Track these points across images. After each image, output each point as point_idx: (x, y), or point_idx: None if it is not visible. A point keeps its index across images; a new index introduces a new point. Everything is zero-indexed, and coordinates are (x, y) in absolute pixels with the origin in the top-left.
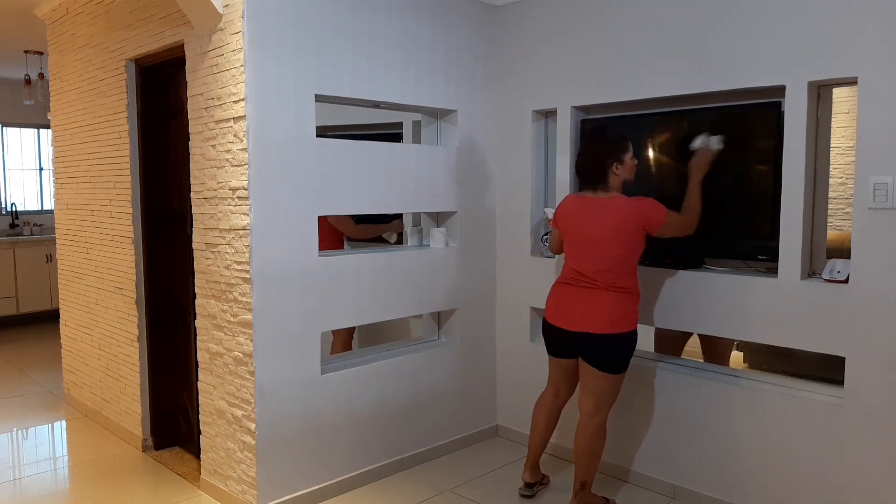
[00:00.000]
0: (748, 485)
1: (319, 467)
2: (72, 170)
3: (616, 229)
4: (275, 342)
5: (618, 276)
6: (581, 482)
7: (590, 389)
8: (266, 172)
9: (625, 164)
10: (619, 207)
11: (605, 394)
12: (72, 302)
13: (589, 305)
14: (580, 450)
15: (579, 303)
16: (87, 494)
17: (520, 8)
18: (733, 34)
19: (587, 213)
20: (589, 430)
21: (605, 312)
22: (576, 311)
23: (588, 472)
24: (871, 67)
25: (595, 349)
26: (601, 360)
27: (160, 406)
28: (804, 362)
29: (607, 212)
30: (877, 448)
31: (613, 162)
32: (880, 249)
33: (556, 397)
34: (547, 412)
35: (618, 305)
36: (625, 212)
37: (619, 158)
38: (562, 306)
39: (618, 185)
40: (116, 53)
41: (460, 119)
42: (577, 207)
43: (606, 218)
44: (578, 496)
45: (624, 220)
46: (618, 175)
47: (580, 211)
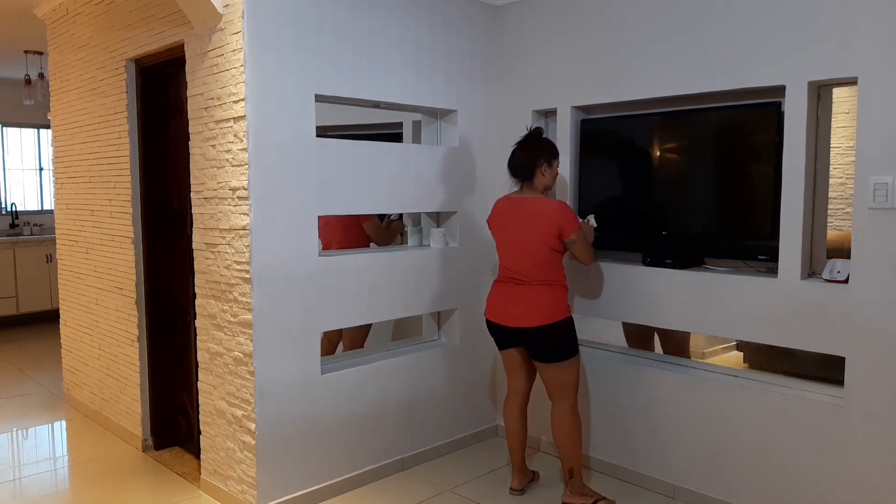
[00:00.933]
0: (748, 485)
1: (319, 467)
2: (72, 170)
3: (538, 228)
4: (275, 342)
5: (544, 270)
6: (569, 469)
7: (548, 382)
8: (266, 172)
9: (552, 168)
10: (541, 207)
11: (563, 382)
12: (72, 302)
13: (522, 301)
14: (559, 437)
15: (513, 299)
16: (87, 494)
17: (520, 8)
18: (733, 34)
19: (514, 212)
20: (561, 415)
21: (538, 306)
22: (511, 308)
23: (572, 457)
24: (871, 67)
25: (536, 342)
26: (546, 352)
27: (160, 406)
28: (804, 362)
29: (531, 210)
30: (876, 448)
31: (544, 163)
32: (880, 249)
33: (517, 395)
34: (514, 411)
35: (548, 298)
36: (546, 211)
37: (549, 162)
38: (499, 304)
39: (541, 186)
40: (116, 53)
41: (460, 119)
42: (506, 208)
43: (530, 216)
44: (569, 484)
45: (545, 219)
46: (544, 177)
47: (508, 211)
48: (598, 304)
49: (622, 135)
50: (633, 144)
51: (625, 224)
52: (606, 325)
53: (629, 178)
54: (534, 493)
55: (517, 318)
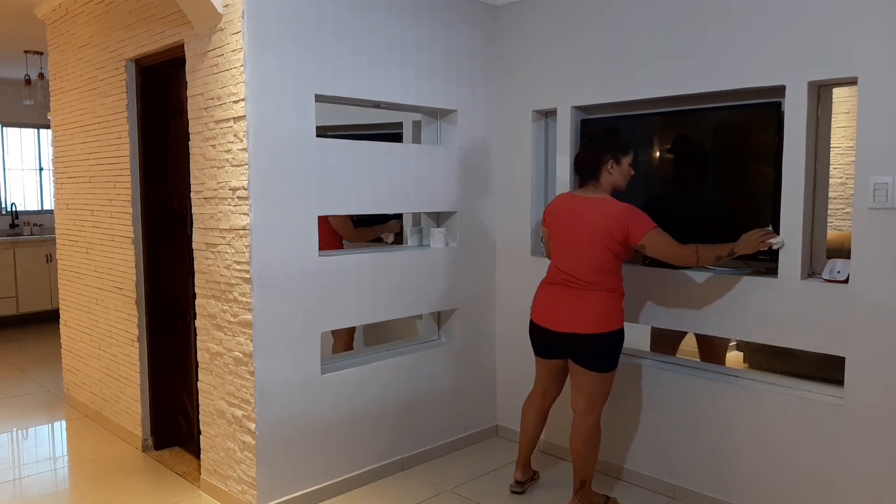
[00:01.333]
0: (748, 485)
1: (319, 467)
2: (72, 170)
3: (601, 230)
4: (275, 342)
5: (602, 275)
6: (580, 481)
7: (581, 389)
8: (266, 172)
9: (621, 165)
10: (606, 209)
11: (596, 393)
12: (72, 302)
13: (575, 305)
14: (577, 450)
15: (565, 303)
16: (87, 494)
17: (520, 8)
18: (733, 34)
19: (575, 211)
20: (583, 429)
21: (592, 312)
22: (562, 312)
23: (586, 470)
24: (871, 67)
25: (583, 349)
26: (590, 360)
27: (160, 406)
28: (804, 362)
29: (594, 211)
30: (876, 448)
31: (610, 160)
32: (880, 249)
33: (545, 397)
34: (536, 412)
35: (603, 304)
36: (611, 214)
37: (616, 158)
38: (548, 306)
39: (609, 186)
40: (116, 53)
41: (460, 119)
42: (566, 206)
43: (593, 217)
44: (579, 494)
45: (610, 221)
46: (611, 174)
47: (568, 209)
48: None
49: (622, 135)
50: (633, 145)
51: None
52: None
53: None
54: (533, 492)
55: (569, 323)
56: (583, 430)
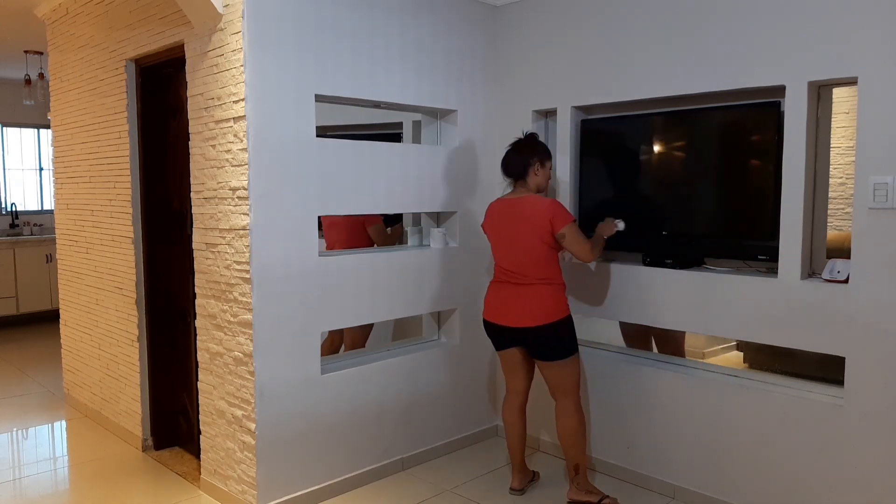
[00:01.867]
0: (748, 485)
1: (319, 467)
2: (72, 170)
3: (533, 222)
4: (275, 342)
5: (542, 270)
6: (574, 466)
7: (550, 380)
8: (266, 172)
9: (545, 168)
10: (535, 203)
11: (565, 379)
12: (72, 302)
13: (522, 301)
14: (564, 435)
15: (512, 299)
16: (87, 494)
17: (520, 8)
18: (733, 34)
19: (508, 212)
20: (565, 413)
21: (538, 305)
22: (510, 308)
23: (578, 455)
24: (871, 67)
25: (537, 342)
26: (547, 351)
27: (160, 406)
28: (804, 362)
29: (526, 207)
30: (876, 448)
31: (536, 162)
32: (880, 249)
33: (516, 394)
34: (513, 412)
35: (548, 296)
36: (539, 206)
37: (542, 162)
38: (498, 304)
39: (534, 186)
40: (116, 53)
41: (460, 119)
42: (500, 209)
43: (525, 213)
44: (575, 482)
45: (538, 213)
46: (537, 176)
47: (502, 211)
48: (598, 304)
49: (622, 135)
50: (633, 145)
51: (625, 224)
52: (606, 325)
53: (629, 179)
54: (534, 493)
55: (517, 318)
56: (565, 414)
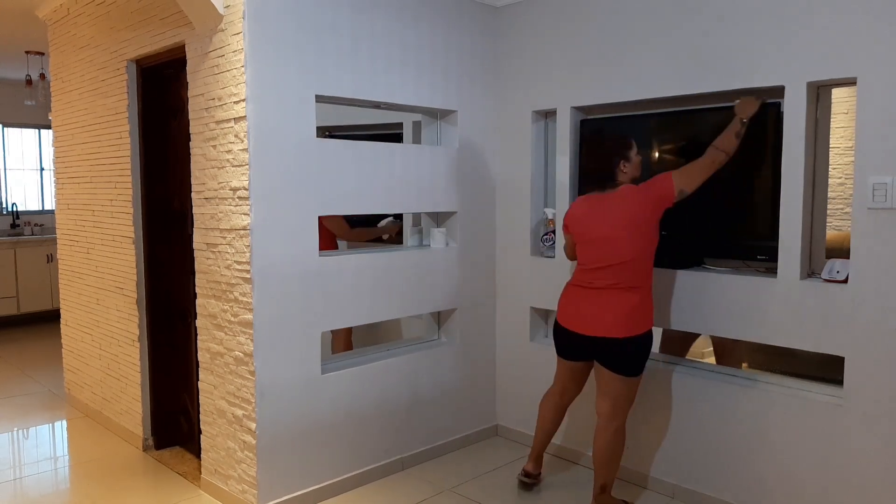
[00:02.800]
0: (748, 485)
1: (319, 467)
2: (72, 170)
3: (631, 218)
4: (275, 342)
5: (634, 272)
6: (601, 485)
7: (606, 392)
8: (266, 173)
9: (631, 161)
10: (630, 195)
11: (621, 396)
12: (72, 302)
13: (603, 308)
14: (600, 453)
15: (593, 306)
16: (87, 494)
17: (520, 8)
18: (733, 34)
19: (598, 211)
20: (608, 433)
21: (621, 315)
22: (590, 315)
23: (608, 475)
24: (871, 67)
25: (611, 353)
26: (618, 364)
27: (161, 406)
28: (804, 362)
29: (619, 204)
30: (876, 448)
31: (621, 161)
32: (880, 249)
33: (563, 395)
34: (554, 408)
35: (633, 306)
36: (637, 197)
37: (625, 156)
38: (575, 309)
39: (627, 181)
40: (117, 54)
41: (460, 119)
42: (588, 208)
43: (620, 210)
44: (598, 499)
45: (639, 205)
46: (626, 173)
47: (591, 211)
48: None
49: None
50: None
51: None
52: None
53: None
54: (542, 494)
55: (596, 327)
56: (607, 435)
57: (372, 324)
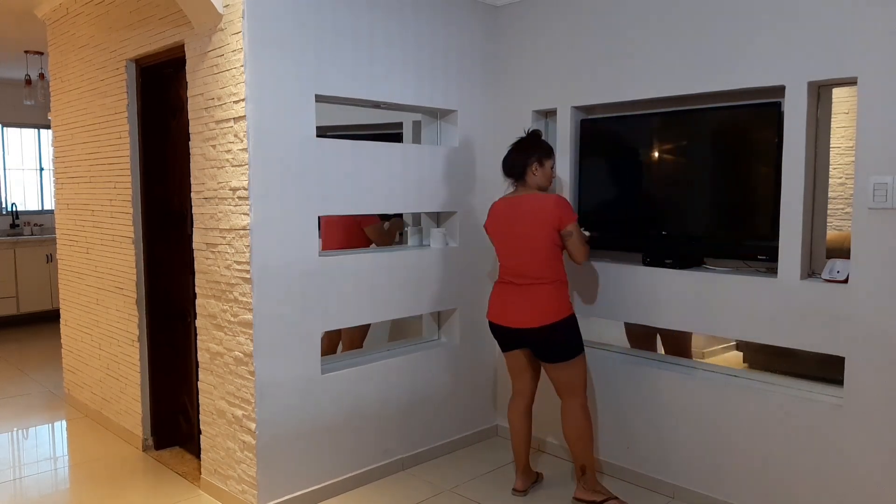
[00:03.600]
0: (748, 485)
1: (319, 467)
2: (72, 170)
3: (539, 219)
4: (275, 342)
5: (547, 269)
6: (581, 467)
7: (556, 381)
8: (266, 172)
9: (544, 168)
10: (540, 200)
11: (572, 380)
12: (72, 302)
13: (525, 301)
14: (570, 435)
15: (515, 300)
16: (87, 494)
17: (520, 8)
18: (733, 34)
19: (512, 211)
20: (572, 413)
21: (541, 306)
22: (513, 309)
23: (585, 454)
24: (871, 67)
25: (540, 343)
26: (550, 352)
27: (160, 406)
28: (804, 362)
29: (530, 205)
30: (876, 448)
31: (535, 162)
32: (880, 249)
33: (522, 396)
34: (519, 414)
35: (551, 296)
36: (545, 203)
37: (540, 160)
38: (501, 305)
39: (534, 186)
40: (117, 53)
41: (460, 119)
42: (503, 210)
43: (530, 212)
44: (582, 481)
45: (545, 209)
46: (535, 175)
47: (505, 212)
48: (599, 304)
49: (622, 135)
50: (633, 144)
51: (624, 224)
52: (607, 325)
53: (629, 179)
54: (537, 493)
55: (521, 320)
56: (571, 414)
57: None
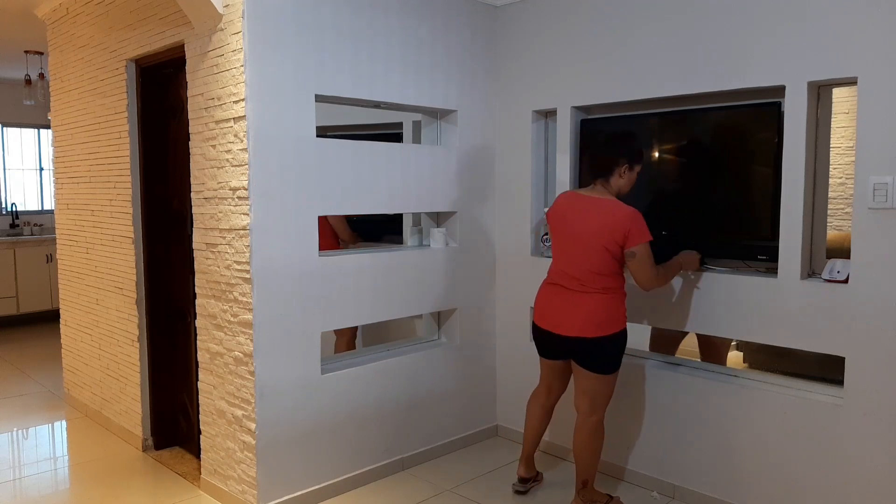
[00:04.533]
0: (748, 485)
1: (319, 467)
2: (72, 170)
3: (605, 229)
4: (275, 342)
5: (603, 276)
6: (583, 481)
7: (583, 390)
8: (266, 172)
9: (633, 171)
10: (614, 208)
11: (598, 394)
12: (72, 302)
13: (576, 308)
14: (579, 449)
15: (566, 306)
16: (87, 494)
17: (520, 8)
18: (733, 34)
19: (578, 209)
20: (586, 429)
21: (593, 315)
22: (563, 315)
23: (589, 470)
24: (871, 67)
25: (585, 352)
26: (592, 363)
27: (160, 406)
28: (804, 362)
29: (599, 209)
30: (877, 448)
31: (626, 164)
32: (880, 249)
33: (549, 394)
34: (541, 408)
35: (605, 307)
36: (617, 214)
37: (631, 164)
38: (550, 309)
39: (616, 189)
40: (117, 53)
41: (460, 119)
42: (569, 205)
43: (597, 215)
44: (581, 494)
45: (616, 220)
46: (622, 178)
47: (571, 208)
48: None
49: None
50: None
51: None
52: None
53: None
54: (537, 494)
55: (569, 327)
56: (585, 430)
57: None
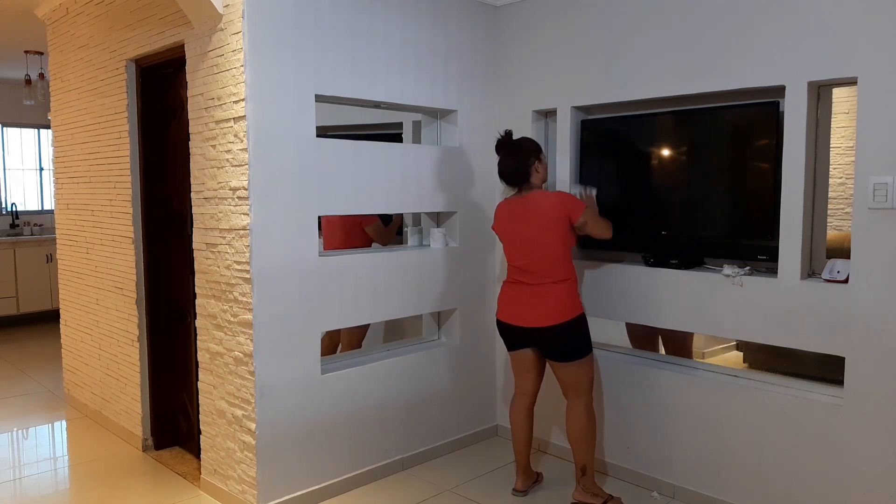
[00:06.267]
0: (748, 485)
1: (319, 467)
2: (72, 170)
3: (547, 220)
4: (275, 342)
5: (557, 268)
6: (581, 467)
7: (563, 381)
8: (266, 172)
9: (542, 162)
10: (545, 198)
11: (580, 380)
12: (72, 302)
13: (540, 300)
14: (573, 435)
15: (526, 300)
16: (87, 494)
17: (520, 8)
18: (733, 34)
19: (520, 213)
20: (575, 413)
21: (553, 305)
22: (524, 309)
23: (586, 455)
24: (871, 67)
25: (551, 342)
26: (561, 351)
27: (160, 406)
28: (804, 362)
29: (535, 207)
30: (877, 448)
31: (534, 161)
32: (880, 249)
33: (526, 396)
34: (521, 412)
35: (567, 295)
36: (551, 203)
37: (539, 158)
38: (512, 304)
39: (539, 182)
40: (117, 53)
41: (460, 119)
42: (510, 212)
43: (536, 213)
44: (581, 482)
45: (552, 209)
46: (539, 172)
47: (513, 214)
48: (599, 304)
49: (622, 135)
50: (633, 145)
51: (625, 224)
52: (607, 325)
53: (629, 179)
54: (537, 494)
55: (532, 319)
56: (574, 414)
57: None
